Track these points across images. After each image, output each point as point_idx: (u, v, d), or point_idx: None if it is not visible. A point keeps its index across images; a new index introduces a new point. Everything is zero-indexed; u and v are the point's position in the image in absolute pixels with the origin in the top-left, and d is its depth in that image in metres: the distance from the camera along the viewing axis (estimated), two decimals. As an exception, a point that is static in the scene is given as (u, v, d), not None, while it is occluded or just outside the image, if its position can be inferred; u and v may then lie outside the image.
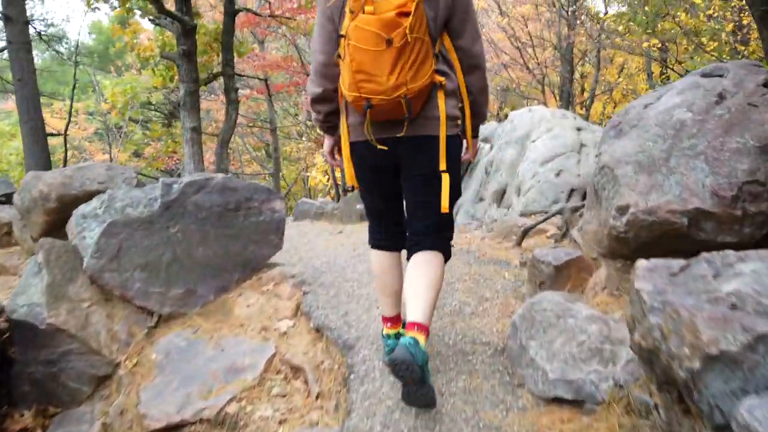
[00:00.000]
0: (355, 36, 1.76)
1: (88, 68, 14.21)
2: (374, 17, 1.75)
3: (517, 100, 21.69)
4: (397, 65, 1.76)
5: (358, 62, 1.77)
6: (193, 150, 8.37)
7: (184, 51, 8.05)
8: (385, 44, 1.74)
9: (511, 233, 3.68)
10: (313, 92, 2.08)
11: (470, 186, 11.58)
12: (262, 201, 3.01)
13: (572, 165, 8.83)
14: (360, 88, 1.80)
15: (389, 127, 1.91)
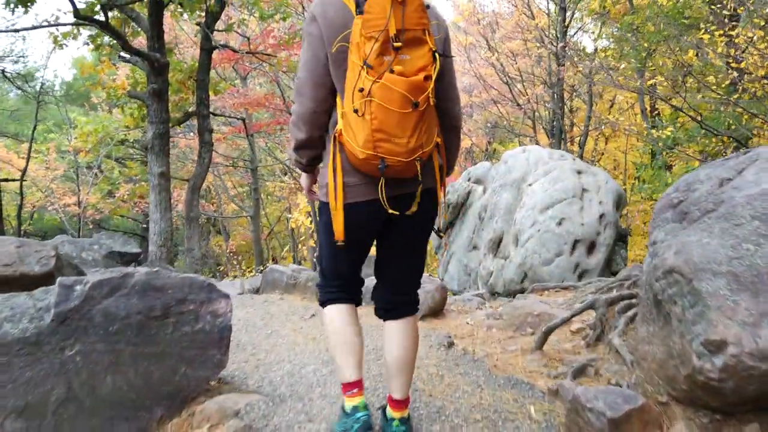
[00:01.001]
0: (381, 95, 1.69)
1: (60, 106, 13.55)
2: (403, 79, 1.70)
3: (507, 136, 21.27)
4: (417, 128, 1.75)
5: (381, 121, 1.71)
6: (160, 197, 7.64)
7: (154, 90, 7.38)
8: (411, 107, 1.71)
9: (525, 323, 2.96)
10: (298, 138, 1.96)
11: (462, 232, 10.88)
12: (201, 302, 2.21)
13: (575, 213, 8.16)
14: (377, 147, 1.73)
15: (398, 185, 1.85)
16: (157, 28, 7.47)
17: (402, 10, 1.73)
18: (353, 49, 1.74)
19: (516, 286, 8.60)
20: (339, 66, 1.81)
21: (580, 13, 15.82)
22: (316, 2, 1.89)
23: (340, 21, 1.81)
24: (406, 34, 1.73)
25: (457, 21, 17.02)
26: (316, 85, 1.87)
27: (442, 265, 11.54)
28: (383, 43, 1.70)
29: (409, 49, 1.74)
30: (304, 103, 1.91)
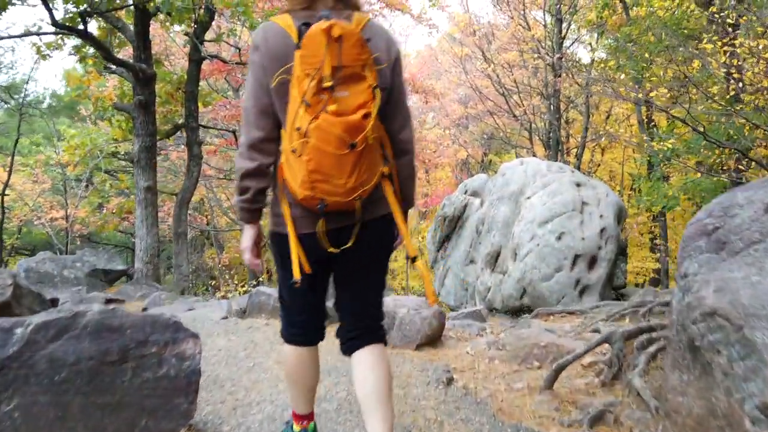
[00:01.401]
0: (317, 136, 1.65)
1: (46, 118, 13.24)
2: (339, 119, 1.65)
3: (503, 147, 21.11)
4: (356, 168, 1.71)
5: (317, 162, 1.67)
6: (147, 212, 7.38)
7: (140, 102, 7.14)
8: (348, 148, 1.67)
9: (531, 355, 2.69)
10: (244, 167, 1.85)
11: (459, 246, 10.62)
12: (165, 344, 1.90)
13: (575, 227, 7.92)
14: (314, 188, 1.70)
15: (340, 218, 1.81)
16: (143, 38, 7.24)
17: (338, 46, 1.65)
18: (294, 83, 1.68)
19: (515, 303, 8.34)
20: (281, 98, 1.76)
21: (576, 25, 15.70)
22: (259, 30, 1.83)
23: (282, 51, 1.74)
24: (343, 70, 1.67)
25: (453, 32, 16.87)
26: (262, 114, 1.82)
27: (438, 279, 11.28)
28: (319, 81, 1.64)
29: (347, 86, 1.69)
30: (252, 132, 1.84)
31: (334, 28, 1.63)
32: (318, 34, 1.63)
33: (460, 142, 20.54)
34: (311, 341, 2.08)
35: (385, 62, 1.84)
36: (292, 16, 1.78)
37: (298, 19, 1.76)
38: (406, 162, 2.00)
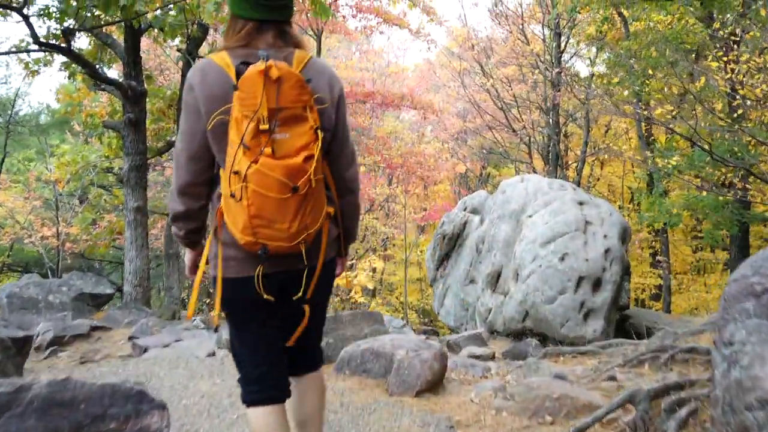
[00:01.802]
0: (257, 180, 1.59)
1: (35, 135, 13.04)
2: (280, 163, 1.60)
3: (501, 161, 20.95)
4: (299, 212, 1.66)
5: (258, 207, 1.61)
6: (136, 233, 7.15)
7: (130, 119, 6.93)
8: (290, 192, 1.62)
9: (543, 408, 2.44)
10: (173, 209, 1.84)
11: (459, 266, 10.38)
12: (127, 418, 1.60)
13: (578, 247, 7.68)
14: (256, 233, 1.64)
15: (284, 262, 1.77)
16: (134, 54, 7.04)
17: (277, 88, 1.61)
18: (233, 125, 1.62)
19: (517, 325, 8.09)
20: (219, 140, 1.69)
21: (575, 39, 15.59)
22: (194, 69, 1.74)
23: (220, 92, 1.67)
24: (283, 112, 1.63)
25: (451, 47, 16.75)
26: (193, 158, 1.75)
27: (437, 298, 11.03)
28: (257, 124, 1.59)
29: (288, 128, 1.64)
30: (182, 176, 1.78)
31: (272, 70, 1.59)
32: (255, 76, 1.59)
33: (459, 156, 20.38)
34: (274, 398, 1.90)
35: (328, 102, 1.82)
36: (230, 55, 1.72)
37: (237, 57, 1.71)
38: (351, 201, 1.99)
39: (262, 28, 1.77)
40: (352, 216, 2.02)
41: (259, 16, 1.76)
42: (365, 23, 9.93)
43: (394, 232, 19.29)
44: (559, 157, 16.60)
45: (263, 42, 1.76)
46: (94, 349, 5.55)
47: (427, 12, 10.31)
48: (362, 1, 9.59)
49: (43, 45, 4.62)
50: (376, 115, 15.74)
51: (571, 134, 19.06)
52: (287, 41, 1.81)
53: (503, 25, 15.53)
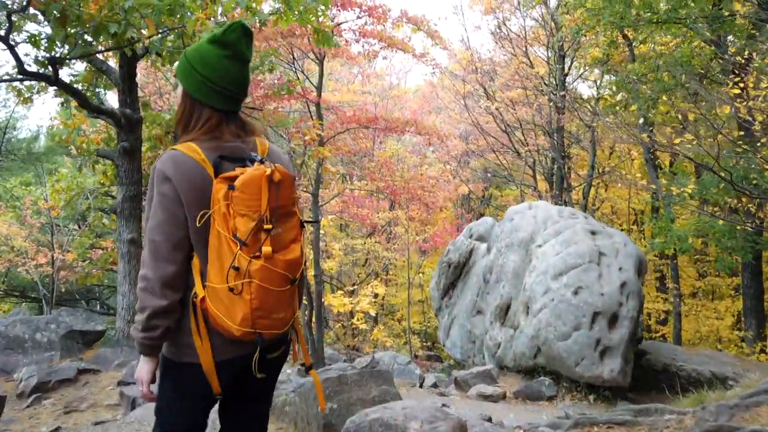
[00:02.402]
0: (262, 276, 1.64)
1: (34, 160, 12.80)
2: (282, 258, 1.69)
3: (504, 182, 20.71)
4: (293, 300, 1.78)
5: (261, 301, 1.66)
6: (130, 266, 6.85)
7: (124, 148, 6.65)
8: (290, 284, 1.72)
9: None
10: (154, 305, 1.71)
11: (465, 295, 10.03)
12: None
13: (592, 280, 7.34)
14: (255, 324, 1.68)
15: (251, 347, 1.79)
16: (129, 81, 6.79)
17: (276, 189, 1.70)
18: (218, 218, 1.66)
19: (528, 362, 7.72)
20: (200, 231, 1.71)
21: (579, 62, 15.41)
22: (167, 160, 1.72)
23: (199, 186, 1.70)
24: (279, 210, 1.72)
25: (454, 69, 16.57)
26: (176, 247, 1.74)
27: (443, 329, 10.65)
28: (259, 222, 1.66)
29: (282, 223, 1.73)
30: (164, 268, 1.73)
31: (275, 174, 1.68)
32: (259, 180, 1.66)
33: (461, 178, 20.13)
34: None
35: None
36: (200, 147, 1.72)
37: (209, 150, 1.73)
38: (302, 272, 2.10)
39: (227, 118, 1.80)
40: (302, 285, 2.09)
41: (226, 107, 1.80)
42: (368, 48, 9.73)
43: (395, 256, 18.96)
44: (564, 179, 16.35)
45: (229, 133, 1.79)
46: (81, 396, 5.20)
47: (432, 36, 10.10)
48: (365, 26, 9.40)
49: (29, 74, 4.35)
50: (378, 140, 15.52)
51: (574, 156, 18.84)
52: (247, 130, 1.87)
53: (507, 47, 15.35)
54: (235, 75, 1.78)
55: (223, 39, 1.76)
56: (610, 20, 11.02)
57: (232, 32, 1.76)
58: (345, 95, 16.90)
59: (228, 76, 1.77)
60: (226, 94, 1.77)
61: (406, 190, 11.85)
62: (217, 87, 1.76)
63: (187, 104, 1.80)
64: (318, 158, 8.28)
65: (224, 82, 1.76)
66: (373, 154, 14.93)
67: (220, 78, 1.76)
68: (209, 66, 1.75)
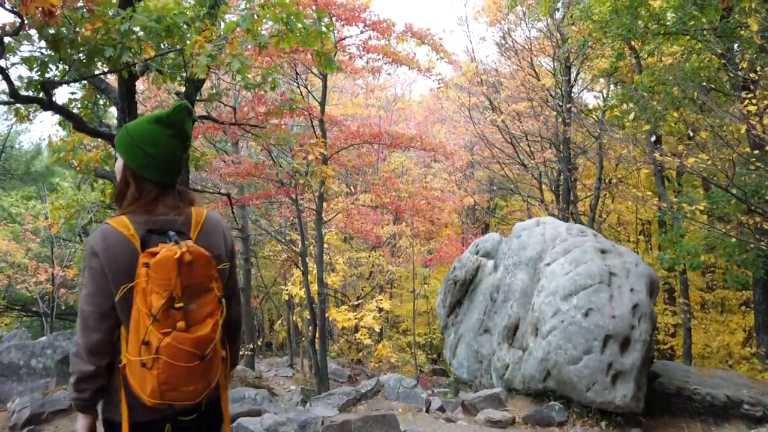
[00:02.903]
0: (168, 353, 1.70)
1: (26, 182, 12.71)
2: (190, 336, 1.73)
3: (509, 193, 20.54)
4: (205, 374, 1.79)
5: (168, 375, 1.72)
6: (129, 290, 6.60)
7: (122, 168, 6.44)
8: (198, 360, 1.74)
9: None
10: (82, 370, 1.84)
11: (472, 313, 9.82)
12: None
13: (603, 302, 7.13)
14: (164, 396, 1.74)
15: None
16: (129, 100, 6.63)
17: (189, 268, 1.75)
18: (139, 292, 1.73)
19: (538, 385, 7.50)
20: (125, 302, 1.79)
21: (586, 73, 15.26)
22: (97, 236, 1.82)
23: (125, 260, 1.78)
24: (193, 287, 1.77)
25: (460, 81, 16.43)
26: (103, 317, 1.83)
27: (449, 348, 10.43)
28: (170, 300, 1.71)
29: (196, 299, 1.77)
30: (92, 336, 1.84)
31: (185, 255, 1.72)
32: (169, 261, 1.70)
33: (466, 189, 19.97)
34: None
35: (225, 258, 1.99)
36: (131, 221, 1.81)
37: (140, 225, 1.81)
38: (237, 333, 2.17)
39: (165, 191, 1.88)
40: (236, 347, 2.17)
41: (164, 180, 1.87)
42: (371, 63, 9.58)
43: (400, 269, 18.76)
44: (570, 191, 16.16)
45: (164, 206, 1.87)
46: (75, 429, 4.98)
47: (437, 49, 9.96)
48: (369, 41, 9.25)
49: (21, 98, 4.21)
50: (382, 156, 15.36)
51: (580, 166, 18.66)
52: (185, 201, 1.94)
53: (512, 59, 15.20)
54: (176, 152, 1.89)
55: (169, 120, 1.86)
56: (617, 32, 10.88)
57: (178, 113, 1.88)
58: (349, 109, 16.77)
59: (171, 153, 1.87)
60: (167, 169, 1.87)
61: (410, 205, 11.68)
62: (160, 163, 1.85)
63: (128, 179, 1.88)
64: (321, 177, 8.17)
65: (167, 159, 1.86)
66: (377, 168, 14.78)
67: (164, 155, 1.85)
68: (155, 144, 1.84)
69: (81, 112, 7.39)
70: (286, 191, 9.89)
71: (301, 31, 3.86)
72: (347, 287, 20.69)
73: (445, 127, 21.81)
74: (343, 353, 19.34)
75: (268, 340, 26.00)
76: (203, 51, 3.82)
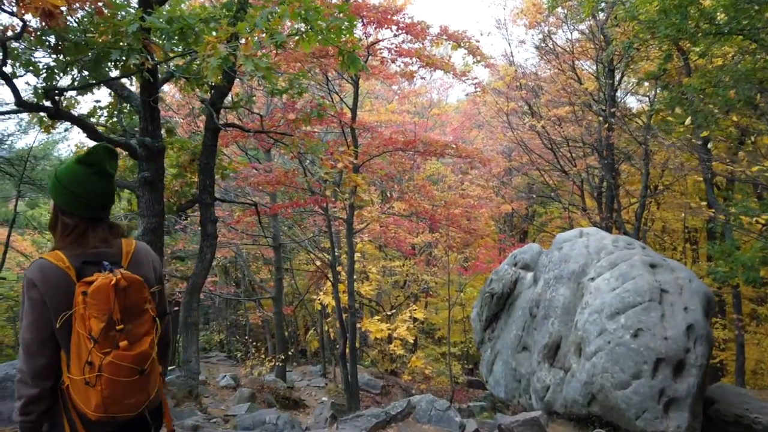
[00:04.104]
0: (110, 371, 1.87)
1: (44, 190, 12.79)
2: (130, 354, 1.91)
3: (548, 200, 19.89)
4: (145, 386, 1.98)
5: (111, 390, 1.88)
6: (150, 304, 6.36)
7: (145, 179, 6.27)
8: (138, 375, 1.93)
9: None
10: (27, 394, 1.96)
11: (510, 329, 9.32)
12: None
13: (654, 322, 6.57)
14: (108, 409, 1.90)
15: None
16: (151, 108, 6.41)
17: (124, 293, 1.93)
18: (78, 319, 1.88)
19: (581, 410, 6.97)
20: (64, 329, 1.92)
21: (632, 77, 14.57)
22: (34, 269, 1.95)
23: (63, 291, 1.92)
24: (129, 310, 1.95)
25: (497, 85, 15.92)
26: (44, 343, 1.94)
27: (485, 364, 9.94)
28: (109, 323, 1.88)
29: (133, 319, 1.96)
30: (34, 361, 1.95)
31: (121, 281, 1.92)
32: (106, 288, 1.89)
33: (503, 195, 19.39)
34: None
35: (155, 283, 2.15)
36: (66, 255, 1.96)
37: (74, 257, 1.97)
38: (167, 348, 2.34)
39: (93, 225, 2.03)
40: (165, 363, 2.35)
41: (91, 214, 2.03)
42: (403, 68, 9.20)
43: (435, 278, 18.28)
44: (614, 199, 15.45)
45: (95, 238, 2.02)
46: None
47: (473, 52, 9.52)
48: (403, 44, 8.88)
49: (27, 107, 4.00)
50: (417, 164, 14.96)
51: (623, 173, 17.91)
52: (115, 233, 2.10)
53: (552, 62, 14.62)
54: (99, 188, 2.04)
55: (88, 160, 2.03)
56: (666, 33, 10.26)
57: (95, 154, 2.04)
58: (383, 115, 16.43)
59: (93, 189, 2.02)
60: (92, 205, 2.02)
61: (446, 215, 11.23)
62: (83, 199, 2.00)
63: (57, 215, 2.05)
64: (351, 187, 7.85)
65: (90, 195, 2.01)
66: (412, 175, 14.39)
67: (86, 191, 2.01)
68: (78, 183, 2.01)
69: (107, 120, 7.24)
70: (316, 200, 9.61)
71: (322, 28, 3.51)
72: (381, 295, 20.33)
73: (482, 132, 21.29)
74: (377, 363, 18.95)
75: (302, 347, 25.85)
76: (215, 53, 3.50)
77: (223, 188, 12.56)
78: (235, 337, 25.93)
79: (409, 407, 7.06)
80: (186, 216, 13.33)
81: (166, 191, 7.13)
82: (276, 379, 13.26)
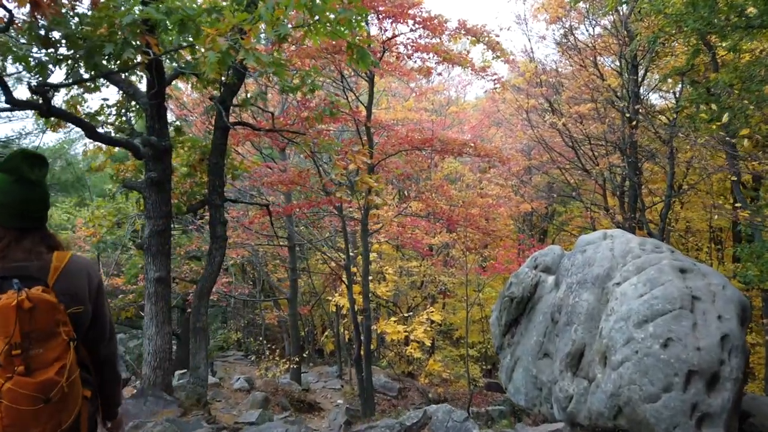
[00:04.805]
0: (10, 398, 1.76)
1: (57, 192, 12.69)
2: (31, 381, 1.78)
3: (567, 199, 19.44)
4: (53, 416, 1.82)
5: (12, 419, 1.76)
6: (157, 308, 6.26)
7: (152, 179, 6.07)
8: (42, 403, 1.79)
9: None
10: None
11: (530, 334, 8.96)
12: None
13: (685, 331, 6.19)
14: None
15: None
16: (158, 106, 6.20)
17: (30, 315, 1.78)
18: None
19: (607, 423, 6.62)
20: None
21: (657, 73, 14.10)
22: None
23: None
24: (36, 333, 1.80)
25: (517, 82, 15.53)
26: None
27: (504, 371, 9.60)
28: (11, 348, 1.75)
29: (42, 343, 1.81)
30: None
31: (24, 303, 1.76)
32: (7, 310, 1.74)
33: (522, 194, 18.99)
34: None
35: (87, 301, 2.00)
36: None
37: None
38: (109, 372, 2.20)
39: (20, 236, 1.93)
40: (111, 385, 2.20)
41: (15, 224, 1.94)
42: (420, 64, 8.90)
43: (452, 280, 17.94)
44: (638, 199, 14.99)
45: (21, 250, 1.91)
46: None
47: (493, 48, 9.19)
48: (419, 39, 8.59)
49: (18, 104, 3.80)
50: (434, 162, 14.65)
51: (646, 171, 17.43)
52: (47, 245, 1.98)
53: (574, 58, 14.21)
54: (23, 195, 1.93)
55: (5, 167, 1.93)
56: (694, 26, 9.83)
57: (11, 161, 1.94)
58: (399, 113, 16.12)
59: (18, 197, 1.92)
60: (16, 213, 1.92)
61: (463, 216, 10.91)
62: (8, 209, 1.91)
63: None
64: (364, 188, 7.59)
65: (15, 204, 1.91)
66: (429, 174, 14.09)
67: (11, 200, 1.91)
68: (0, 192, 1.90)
69: (116, 119, 7.05)
70: (330, 201, 9.37)
71: (329, 19, 3.23)
72: (399, 296, 20.06)
73: (501, 130, 20.90)
74: (393, 365, 18.69)
75: (319, 347, 25.70)
76: (215, 46, 3.24)
77: (238, 188, 12.37)
78: (252, 337, 25.87)
79: (425, 418, 6.78)
80: (200, 216, 13.19)
81: (176, 191, 6.92)
82: (291, 381, 13.07)
